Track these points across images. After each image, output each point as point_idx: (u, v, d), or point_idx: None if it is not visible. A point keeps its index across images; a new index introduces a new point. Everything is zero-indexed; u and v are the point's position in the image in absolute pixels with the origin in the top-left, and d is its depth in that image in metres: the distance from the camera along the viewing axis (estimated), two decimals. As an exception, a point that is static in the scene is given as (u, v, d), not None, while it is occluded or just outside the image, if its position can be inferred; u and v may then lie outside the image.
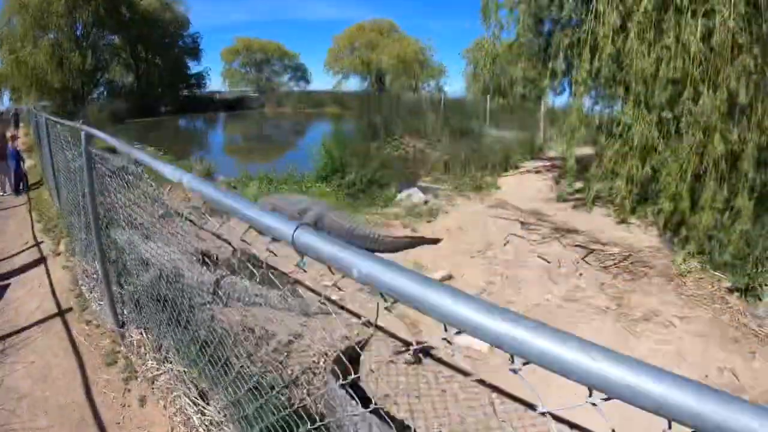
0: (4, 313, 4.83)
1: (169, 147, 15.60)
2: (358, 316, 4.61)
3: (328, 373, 3.63)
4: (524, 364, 0.74)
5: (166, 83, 27.10)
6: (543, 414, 0.80)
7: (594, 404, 0.69)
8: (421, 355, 4.16)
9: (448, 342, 0.91)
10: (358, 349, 4.18)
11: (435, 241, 6.67)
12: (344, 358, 3.83)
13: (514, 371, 0.77)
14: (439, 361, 4.13)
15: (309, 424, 2.06)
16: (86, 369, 3.95)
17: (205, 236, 6.66)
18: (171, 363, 3.43)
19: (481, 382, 3.74)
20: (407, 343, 4.37)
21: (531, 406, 3.41)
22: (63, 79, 21.83)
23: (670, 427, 0.63)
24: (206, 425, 2.93)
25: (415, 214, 8.01)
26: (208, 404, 3.09)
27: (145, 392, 3.57)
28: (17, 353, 4.14)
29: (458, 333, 0.84)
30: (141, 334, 3.74)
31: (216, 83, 39.25)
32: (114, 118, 21.86)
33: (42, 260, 5.89)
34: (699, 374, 3.98)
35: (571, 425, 3.20)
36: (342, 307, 4.81)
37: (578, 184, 9.38)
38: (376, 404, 2.90)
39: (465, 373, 3.94)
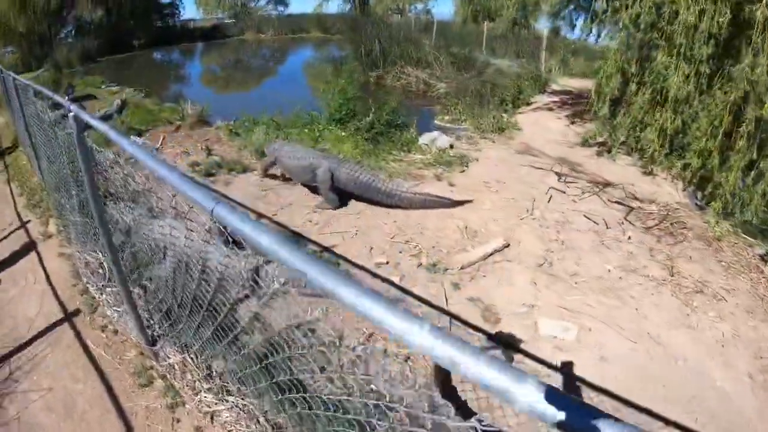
0: (1, 322, 4.06)
1: (148, 85, 13.98)
2: (427, 303, 3.98)
3: (433, 390, 3.01)
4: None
5: (138, 14, 24.58)
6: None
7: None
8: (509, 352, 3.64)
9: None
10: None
11: (463, 202, 5.90)
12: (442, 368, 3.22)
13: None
14: (526, 354, 3.67)
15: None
16: (117, 394, 3.32)
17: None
18: (233, 395, 2.74)
19: (576, 378, 3.44)
20: (488, 335, 3.77)
21: (627, 402, 3.20)
22: (28, 22, 19.61)
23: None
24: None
25: (446, 163, 7.19)
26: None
27: (200, 422, 2.94)
28: (28, 378, 3.48)
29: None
30: (182, 355, 3.00)
31: (190, 11, 36.27)
32: (84, 57, 20.17)
33: (32, 245, 5.02)
34: (755, 353, 3.84)
35: None
36: (403, 290, 4.12)
37: (591, 125, 9.50)
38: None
39: (556, 368, 3.55)
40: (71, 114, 2.42)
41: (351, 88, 8.58)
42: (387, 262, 4.53)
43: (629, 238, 5.37)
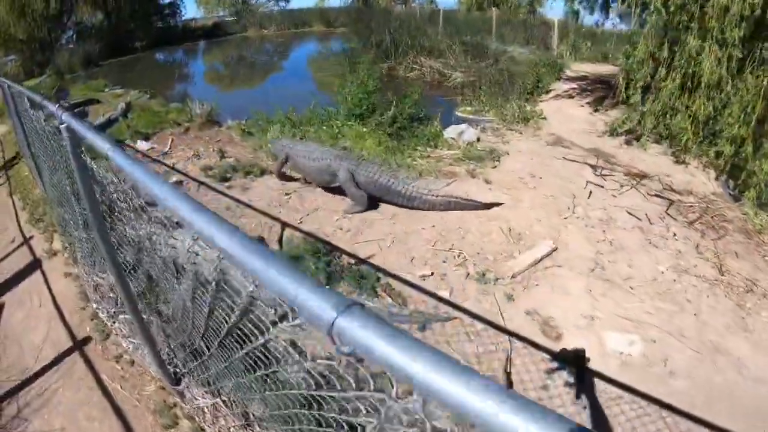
0: (6, 350, 3.69)
1: (152, 86, 13.54)
2: (484, 321, 3.53)
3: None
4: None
5: (139, 16, 24.04)
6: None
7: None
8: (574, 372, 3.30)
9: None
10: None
11: (493, 205, 5.35)
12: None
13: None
14: (594, 374, 3.33)
15: None
16: (139, 437, 2.89)
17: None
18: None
19: (648, 398, 3.12)
20: (552, 354, 3.42)
21: (699, 420, 2.99)
22: (28, 28, 19.23)
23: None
24: None
25: (476, 158, 6.66)
26: None
27: (235, 475, 2.51)
28: (38, 416, 3.13)
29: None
30: (214, 399, 2.55)
31: (191, 10, 36.02)
32: (86, 61, 19.63)
33: (36, 264, 4.62)
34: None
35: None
36: (455, 306, 3.67)
37: (614, 113, 9.33)
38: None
39: (631, 390, 3.18)
40: (63, 126, 1.95)
41: (371, 81, 8.03)
42: (432, 274, 4.07)
43: (674, 234, 5.04)
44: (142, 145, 7.56)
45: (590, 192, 5.93)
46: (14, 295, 4.29)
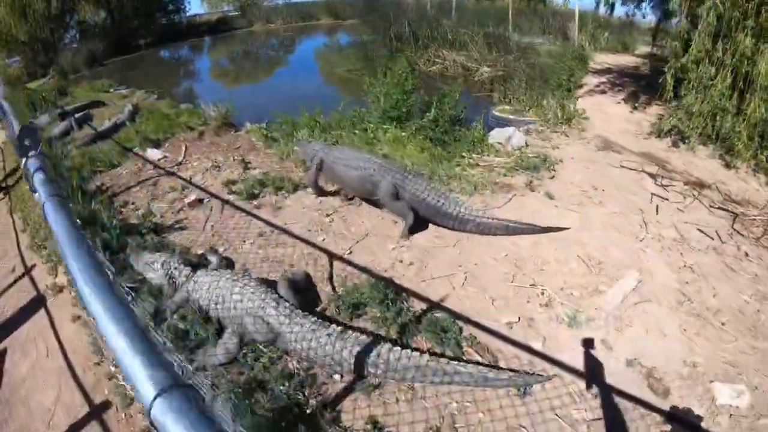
0: (11, 410, 3.16)
1: (159, 85, 12.89)
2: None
3: None
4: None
5: (142, 13, 23.39)
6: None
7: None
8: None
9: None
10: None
11: (556, 229, 4.61)
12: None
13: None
14: None
15: None
16: None
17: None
18: None
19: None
20: (666, 414, 2.93)
21: None
22: (29, 29, 18.65)
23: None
24: None
25: (532, 167, 5.93)
26: None
27: None
28: None
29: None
30: None
31: (195, 6, 35.32)
32: (90, 61, 19.07)
33: (40, 301, 4.02)
34: None
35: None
36: (551, 360, 3.05)
37: (653, 110, 9.14)
38: None
39: None
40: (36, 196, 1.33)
41: (410, 80, 7.19)
42: (518, 320, 3.42)
43: (746, 254, 4.65)
44: (153, 153, 6.90)
45: (657, 206, 5.36)
46: (17, 340, 3.69)
